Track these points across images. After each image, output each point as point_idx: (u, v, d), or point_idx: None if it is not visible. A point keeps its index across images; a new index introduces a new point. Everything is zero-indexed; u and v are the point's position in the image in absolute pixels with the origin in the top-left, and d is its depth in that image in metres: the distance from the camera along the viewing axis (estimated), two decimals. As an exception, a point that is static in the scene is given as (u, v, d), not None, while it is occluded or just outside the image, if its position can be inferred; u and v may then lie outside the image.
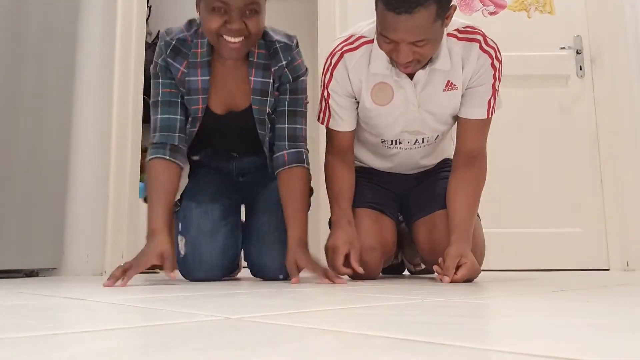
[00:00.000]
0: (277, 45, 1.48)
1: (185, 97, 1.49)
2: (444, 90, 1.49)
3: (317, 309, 0.79)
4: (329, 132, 1.61)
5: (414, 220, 1.66)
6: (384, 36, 1.32)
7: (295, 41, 1.52)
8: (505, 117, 2.23)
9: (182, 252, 1.53)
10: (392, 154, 1.66)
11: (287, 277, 1.47)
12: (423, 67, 1.43)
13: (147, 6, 2.85)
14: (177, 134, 1.48)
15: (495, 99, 1.53)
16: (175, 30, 1.49)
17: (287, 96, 1.52)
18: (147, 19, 2.94)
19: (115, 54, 2.30)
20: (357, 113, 1.57)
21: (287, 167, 1.50)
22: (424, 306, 0.80)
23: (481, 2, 2.61)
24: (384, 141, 1.62)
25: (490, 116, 1.54)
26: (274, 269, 1.53)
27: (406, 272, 2.01)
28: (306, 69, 1.56)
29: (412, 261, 1.94)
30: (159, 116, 1.49)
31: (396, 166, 1.70)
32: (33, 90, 2.02)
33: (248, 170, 1.70)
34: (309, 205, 1.56)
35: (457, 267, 1.35)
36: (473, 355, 0.42)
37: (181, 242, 1.54)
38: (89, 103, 2.23)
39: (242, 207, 1.70)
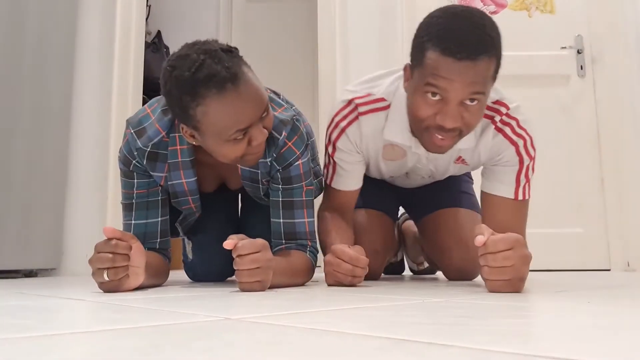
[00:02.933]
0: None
1: (172, 199, 1.31)
2: (455, 162, 1.41)
3: (317, 309, 0.79)
4: (329, 189, 1.44)
5: (420, 217, 1.65)
6: (433, 85, 1.09)
7: (288, 128, 1.24)
8: (506, 117, 2.23)
9: (190, 256, 1.52)
10: (396, 183, 1.61)
11: None
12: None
13: (147, 5, 2.86)
14: (158, 240, 1.27)
15: (527, 178, 1.30)
16: (148, 130, 1.21)
17: (280, 185, 1.28)
18: (146, 18, 2.94)
19: (114, 54, 2.30)
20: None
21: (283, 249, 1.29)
22: (424, 306, 0.80)
23: (482, 2, 2.61)
24: (391, 177, 1.55)
25: (520, 198, 1.28)
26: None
27: (407, 273, 2.01)
28: (306, 145, 1.28)
29: (415, 260, 1.94)
30: (132, 222, 1.26)
31: (398, 184, 1.65)
32: (32, 90, 2.02)
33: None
34: (300, 279, 1.28)
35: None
36: (473, 356, 0.41)
37: (188, 245, 1.52)
38: (88, 102, 2.23)
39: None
